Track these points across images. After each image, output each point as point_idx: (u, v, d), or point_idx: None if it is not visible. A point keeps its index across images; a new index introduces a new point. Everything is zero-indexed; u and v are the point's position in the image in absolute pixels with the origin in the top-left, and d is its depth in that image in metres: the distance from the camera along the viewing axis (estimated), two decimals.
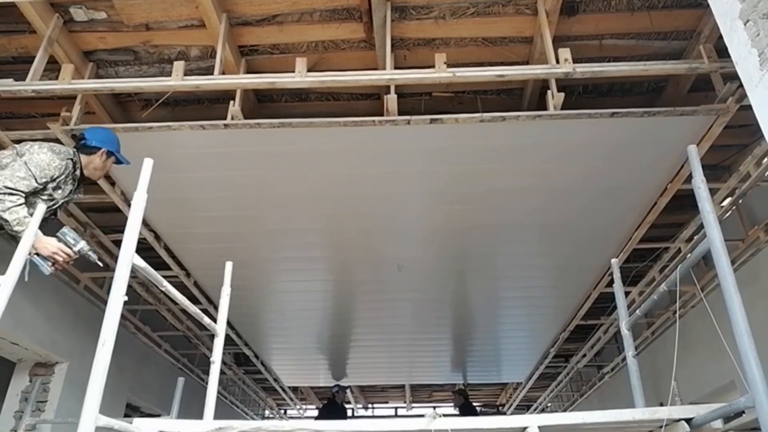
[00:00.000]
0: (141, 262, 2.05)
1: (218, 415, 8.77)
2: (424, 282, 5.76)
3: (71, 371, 5.38)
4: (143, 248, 4.78)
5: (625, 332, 2.76)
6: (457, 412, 8.79)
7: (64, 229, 2.74)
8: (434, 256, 5.19)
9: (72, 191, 3.05)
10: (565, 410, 10.86)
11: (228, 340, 7.63)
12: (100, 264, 2.95)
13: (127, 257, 1.93)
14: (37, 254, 2.60)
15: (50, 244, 2.64)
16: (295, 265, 5.34)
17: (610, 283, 5.79)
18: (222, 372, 9.09)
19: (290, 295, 6.01)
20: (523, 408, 11.81)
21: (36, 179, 2.75)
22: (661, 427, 2.33)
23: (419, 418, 2.22)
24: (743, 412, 4.20)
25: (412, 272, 5.41)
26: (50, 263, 2.66)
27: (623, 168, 3.96)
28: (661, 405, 6.73)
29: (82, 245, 2.76)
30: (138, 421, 2.18)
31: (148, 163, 2.19)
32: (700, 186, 2.19)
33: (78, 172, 3.06)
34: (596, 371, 8.70)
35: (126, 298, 1.92)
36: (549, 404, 11.66)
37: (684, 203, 4.94)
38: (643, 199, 4.30)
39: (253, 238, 4.78)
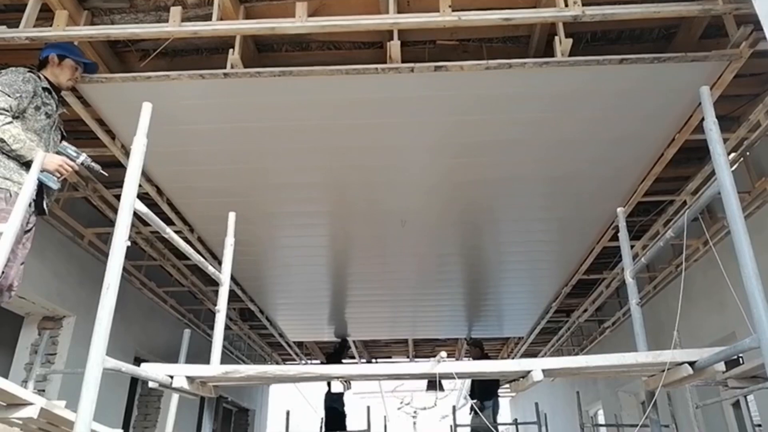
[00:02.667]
0: (143, 207, 2.03)
1: None
2: (427, 236, 5.76)
3: (79, 325, 5.46)
4: (147, 204, 4.77)
5: (630, 281, 2.76)
6: None
7: (64, 143, 2.86)
8: (437, 210, 5.17)
9: (56, 108, 3.08)
10: None
11: (233, 296, 7.73)
12: (104, 174, 3.06)
13: (129, 201, 1.91)
14: (43, 170, 2.65)
15: (54, 159, 2.73)
16: (297, 220, 5.33)
17: (614, 237, 5.82)
18: (227, 327, 9.22)
19: (293, 250, 6.02)
20: None
21: (9, 95, 2.75)
22: (663, 371, 2.35)
23: (425, 362, 2.24)
24: (741, 360, 4.24)
25: (415, 226, 5.40)
26: (57, 177, 2.76)
27: (630, 118, 3.89)
28: None
29: (83, 158, 2.87)
30: (146, 366, 2.20)
31: (147, 107, 2.15)
32: (712, 128, 2.14)
33: (47, 85, 3.07)
34: (597, 326, 8.81)
35: (129, 243, 1.91)
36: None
37: (690, 156, 4.88)
38: (650, 151, 4.24)
39: (255, 192, 4.76)
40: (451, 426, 8.48)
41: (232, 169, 4.43)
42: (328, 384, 8.77)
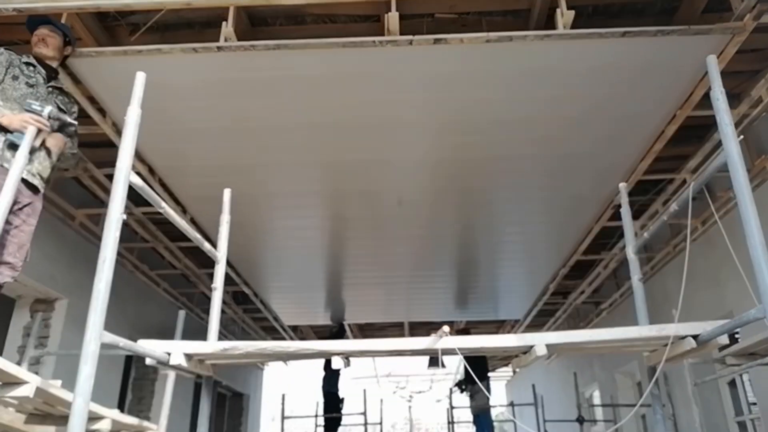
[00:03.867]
0: (138, 180, 1.97)
1: None
2: (423, 217, 5.72)
3: (71, 307, 5.40)
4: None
5: (632, 257, 2.73)
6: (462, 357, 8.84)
7: (28, 101, 2.79)
8: (434, 190, 5.12)
9: (44, 80, 3.04)
10: None
11: (227, 279, 7.63)
12: (74, 123, 3.04)
13: (125, 173, 1.85)
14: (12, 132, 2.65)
15: (18, 117, 2.69)
16: (292, 201, 5.27)
17: (613, 217, 5.80)
18: (221, 311, 9.19)
19: (288, 232, 5.97)
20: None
21: None
22: (665, 345, 2.33)
23: (427, 337, 2.21)
24: (737, 338, 4.24)
25: (412, 206, 5.35)
26: (27, 133, 2.68)
27: (631, 94, 3.84)
28: None
29: (49, 110, 2.79)
30: (144, 342, 2.16)
31: (141, 77, 2.07)
32: (719, 97, 2.10)
33: (31, 60, 3.04)
34: (594, 307, 8.83)
35: (125, 216, 1.85)
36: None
37: (689, 135, 4.84)
38: (651, 128, 4.20)
39: (249, 171, 4.68)
40: (447, 409, 8.52)
41: (225, 146, 4.35)
42: (325, 368, 8.79)
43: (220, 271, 2.85)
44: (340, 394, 8.77)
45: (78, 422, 1.54)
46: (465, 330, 9.06)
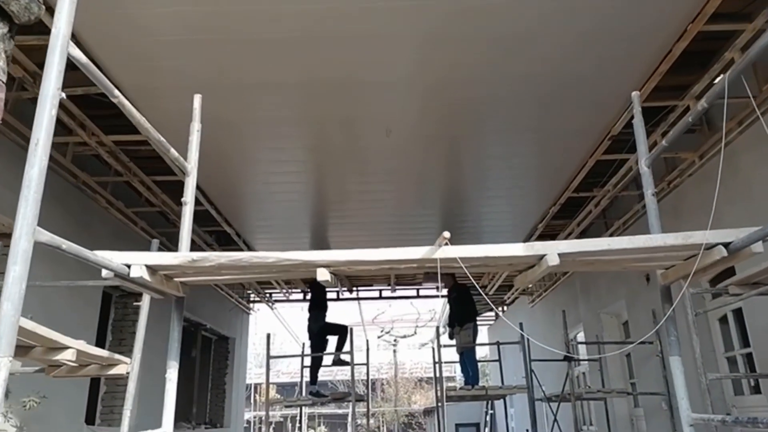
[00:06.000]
0: (80, 55, 1.64)
1: (200, 300, 8.69)
2: (410, 150, 5.43)
3: None
4: (112, 113, 4.31)
5: (645, 170, 2.49)
6: (448, 296, 8.73)
7: None
8: (423, 117, 4.81)
9: None
10: (546, 291, 11.08)
11: (208, 218, 7.38)
12: None
13: (61, 42, 1.52)
14: None
15: None
16: (273, 129, 4.93)
17: (608, 150, 5.56)
18: (201, 250, 8.88)
19: (269, 166, 5.66)
20: (505, 288, 12.03)
21: None
22: (686, 260, 2.11)
23: (424, 247, 1.97)
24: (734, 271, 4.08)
25: (400, 137, 5.04)
26: None
27: (641, 6, 3.52)
28: (647, 278, 6.67)
29: None
30: (100, 252, 1.88)
31: None
32: None
33: None
34: None
35: (64, 95, 1.53)
36: (530, 285, 11.89)
37: (690, 62, 4.55)
38: (658, 45, 3.91)
39: (227, 94, 4.31)
40: (433, 348, 8.46)
41: (200, 64, 3.99)
42: (311, 309, 8.62)
43: (190, 183, 2.56)
44: (327, 337, 8.65)
45: (7, 331, 1.28)
46: (446, 272, 8.89)
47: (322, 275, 2.10)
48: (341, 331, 8.07)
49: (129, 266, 1.96)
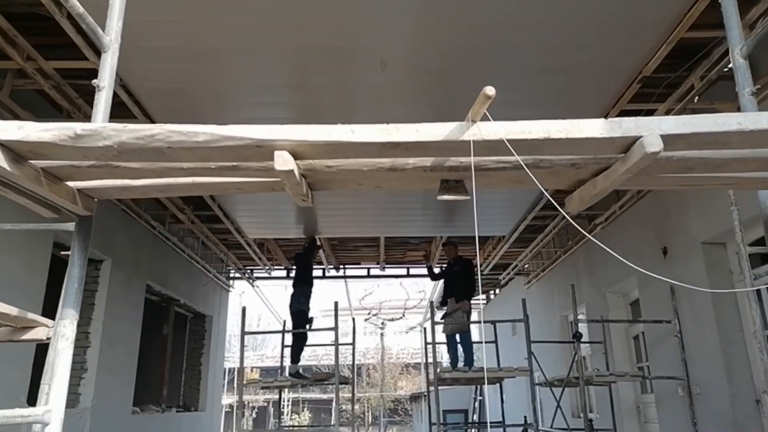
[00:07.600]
0: None
1: (173, 273, 7.79)
2: (405, 91, 4.71)
3: None
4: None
5: (741, 61, 1.84)
6: (448, 269, 8.07)
7: None
8: (422, 50, 4.08)
9: None
10: (544, 270, 10.45)
11: None
12: None
13: None
14: None
15: None
16: (253, 62, 4.17)
17: (633, 99, 4.88)
18: (176, 220, 8.13)
19: (247, 109, 4.88)
20: (501, 267, 11.39)
21: None
22: None
23: (450, 123, 1.27)
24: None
25: (395, 74, 4.32)
26: None
27: None
28: (664, 250, 6.03)
29: None
30: None
31: None
32: None
33: None
34: (587, 223, 8.07)
35: None
36: (527, 265, 11.26)
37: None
38: None
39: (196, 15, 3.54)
40: (425, 328, 7.82)
41: None
42: (294, 285, 7.95)
43: (108, 63, 1.81)
44: (310, 314, 7.99)
45: None
46: (450, 242, 8.25)
47: (283, 163, 1.39)
48: (300, 337, 7.52)
49: None
